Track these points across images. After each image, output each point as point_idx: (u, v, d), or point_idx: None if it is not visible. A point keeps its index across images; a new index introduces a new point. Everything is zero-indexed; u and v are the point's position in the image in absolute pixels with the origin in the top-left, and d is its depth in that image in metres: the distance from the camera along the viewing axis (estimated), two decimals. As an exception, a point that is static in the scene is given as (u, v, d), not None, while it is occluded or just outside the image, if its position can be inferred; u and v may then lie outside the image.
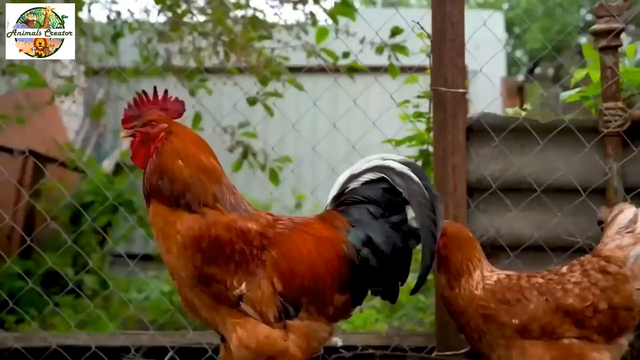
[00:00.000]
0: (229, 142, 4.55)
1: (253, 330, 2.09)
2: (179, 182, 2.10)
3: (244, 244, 2.10)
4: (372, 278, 2.20)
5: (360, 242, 2.19)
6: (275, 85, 4.44)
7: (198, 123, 4.69)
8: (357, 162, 2.30)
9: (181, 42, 5.04)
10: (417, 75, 3.47)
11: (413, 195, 2.19)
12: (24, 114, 4.60)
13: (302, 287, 2.14)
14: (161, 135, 2.14)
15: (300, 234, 2.20)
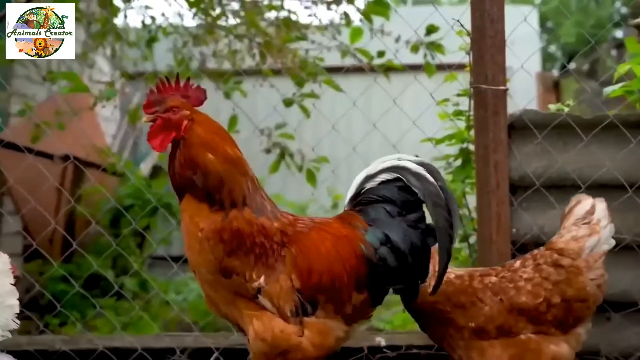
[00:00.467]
0: (266, 143, 4.56)
1: (269, 324, 2.10)
2: (212, 175, 2.10)
3: (264, 238, 2.12)
4: (391, 276, 2.19)
5: (378, 241, 2.19)
6: (311, 86, 4.44)
7: (234, 125, 4.72)
8: (372, 163, 2.30)
9: (216, 45, 5.08)
10: (456, 73, 3.44)
11: (428, 195, 2.19)
12: (63, 119, 4.67)
13: (320, 285, 2.14)
14: (185, 124, 2.12)
15: (319, 232, 2.21)
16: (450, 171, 3.48)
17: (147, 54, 5.75)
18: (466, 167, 3.42)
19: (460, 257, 3.59)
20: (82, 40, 5.86)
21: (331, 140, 4.38)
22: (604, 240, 2.30)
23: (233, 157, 2.15)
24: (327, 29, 4.64)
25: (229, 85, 4.86)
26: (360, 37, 4.65)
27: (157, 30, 5.59)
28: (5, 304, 2.03)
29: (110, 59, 6.00)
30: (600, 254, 2.30)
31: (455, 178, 3.41)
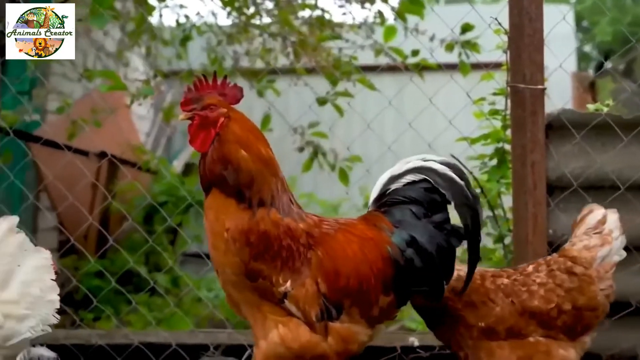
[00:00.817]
0: (299, 142, 4.56)
1: (296, 332, 2.07)
2: (244, 173, 2.09)
3: (291, 240, 2.09)
4: (417, 278, 2.16)
5: (404, 243, 2.16)
6: (344, 85, 4.44)
7: (267, 124, 4.73)
8: (397, 164, 2.27)
9: (249, 44, 5.11)
10: (492, 72, 3.41)
11: (456, 196, 2.17)
12: (99, 117, 4.73)
13: (347, 288, 2.11)
14: (221, 121, 2.11)
15: (345, 234, 2.17)
16: (486, 171, 3.45)
17: (181, 52, 5.81)
18: (502, 167, 3.38)
19: (494, 258, 3.55)
20: (117, 38, 5.94)
21: (363, 139, 4.36)
22: (615, 251, 2.30)
23: (265, 157, 2.14)
24: (360, 28, 4.63)
25: (262, 84, 4.88)
26: (394, 35, 4.63)
27: (191, 29, 5.64)
28: (46, 299, 2.04)
29: (144, 58, 6.06)
30: (611, 264, 2.29)
31: (490, 178, 3.38)
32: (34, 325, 2.02)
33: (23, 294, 2.01)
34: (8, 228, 2.03)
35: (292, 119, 4.44)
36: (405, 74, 4.57)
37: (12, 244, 2.03)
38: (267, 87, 4.89)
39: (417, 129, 3.71)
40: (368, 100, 4.54)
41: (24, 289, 2.02)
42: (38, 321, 2.02)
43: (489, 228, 3.45)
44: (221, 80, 2.19)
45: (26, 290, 2.02)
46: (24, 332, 2.01)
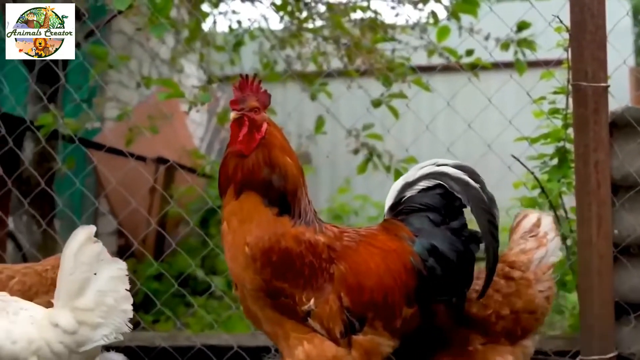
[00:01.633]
0: (354, 144, 4.56)
1: (321, 347, 2.04)
2: (290, 179, 2.09)
3: (313, 257, 2.06)
4: (439, 287, 2.13)
5: (426, 252, 2.13)
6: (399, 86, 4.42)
7: (321, 126, 4.75)
8: (410, 169, 2.26)
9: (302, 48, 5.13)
10: (553, 70, 3.35)
11: (472, 200, 2.14)
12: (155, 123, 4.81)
13: (371, 302, 2.08)
14: (265, 126, 2.09)
15: (366, 247, 2.15)
16: (546, 171, 3.39)
17: (234, 57, 5.88)
18: (562, 167, 3.32)
19: (556, 259, 3.48)
20: (171, 46, 6.04)
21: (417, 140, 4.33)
22: (551, 253, 2.34)
23: (299, 166, 2.16)
24: (413, 29, 4.60)
25: (315, 87, 4.89)
26: (448, 35, 4.59)
27: (243, 34, 5.70)
28: (120, 309, 2.10)
29: (198, 64, 6.15)
30: (548, 266, 2.32)
31: (551, 177, 3.32)
32: (107, 333, 2.09)
33: (98, 302, 2.08)
34: (86, 237, 2.10)
35: (345, 121, 4.44)
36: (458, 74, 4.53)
37: (90, 253, 2.09)
38: (319, 90, 4.89)
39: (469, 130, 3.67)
40: (420, 102, 4.49)
41: (99, 297, 2.08)
42: (111, 330, 2.09)
43: (550, 229, 3.38)
44: (256, 84, 2.15)
45: (101, 299, 2.08)
46: (97, 339, 2.08)
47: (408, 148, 3.79)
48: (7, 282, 2.59)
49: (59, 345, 2.05)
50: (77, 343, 2.06)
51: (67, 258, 2.09)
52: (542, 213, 2.42)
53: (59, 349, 2.05)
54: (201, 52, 5.85)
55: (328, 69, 4.76)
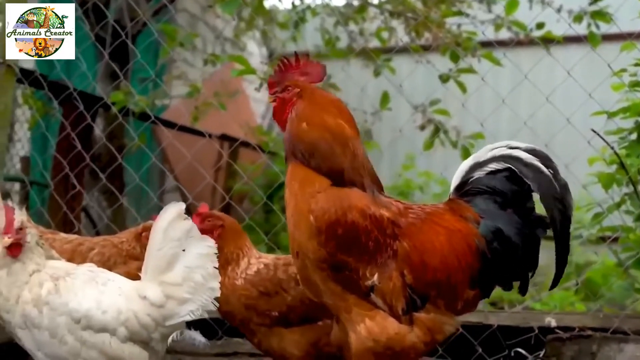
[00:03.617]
0: (420, 120, 4.52)
1: (383, 324, 2.03)
2: (305, 143, 2.08)
3: (378, 232, 2.04)
4: (503, 271, 2.09)
5: (491, 234, 2.09)
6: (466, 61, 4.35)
7: (386, 102, 4.72)
8: (481, 150, 2.18)
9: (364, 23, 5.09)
10: (635, 42, 3.24)
11: (541, 186, 2.08)
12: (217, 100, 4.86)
13: (434, 281, 2.06)
14: (292, 101, 2.14)
15: (432, 225, 2.12)
16: (624, 146, 3.29)
17: (296, 34, 5.88)
18: (643, 142, 3.23)
19: (632, 237, 3.40)
20: (234, 24, 6.08)
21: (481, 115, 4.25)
22: None
23: (331, 126, 2.10)
24: (482, 2, 4.51)
25: (379, 63, 4.85)
26: (516, 8, 4.48)
27: (305, 11, 5.69)
28: (208, 286, 2.12)
29: (260, 42, 6.18)
30: None
31: (630, 153, 3.23)
32: (194, 309, 2.10)
33: (186, 278, 2.10)
34: (177, 214, 2.12)
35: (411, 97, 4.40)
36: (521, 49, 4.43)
37: (180, 230, 2.11)
38: (383, 66, 4.85)
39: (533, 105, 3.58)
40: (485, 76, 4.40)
41: (188, 273, 2.10)
42: (198, 306, 2.10)
43: (627, 205, 3.31)
44: (304, 59, 2.20)
45: (189, 275, 2.10)
46: (183, 314, 2.10)
47: (483, 123, 3.70)
48: (87, 254, 2.67)
49: (147, 318, 2.08)
50: (163, 317, 2.10)
51: (157, 233, 2.12)
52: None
53: (147, 321, 2.08)
54: (264, 29, 5.87)
55: (396, 44, 4.71)
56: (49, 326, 2.06)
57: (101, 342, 2.06)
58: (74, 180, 3.63)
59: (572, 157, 3.23)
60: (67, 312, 2.06)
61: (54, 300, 2.08)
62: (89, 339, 2.06)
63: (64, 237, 2.79)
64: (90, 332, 2.06)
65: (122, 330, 2.06)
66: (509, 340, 2.99)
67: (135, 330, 2.07)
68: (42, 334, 2.06)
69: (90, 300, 2.09)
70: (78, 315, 2.06)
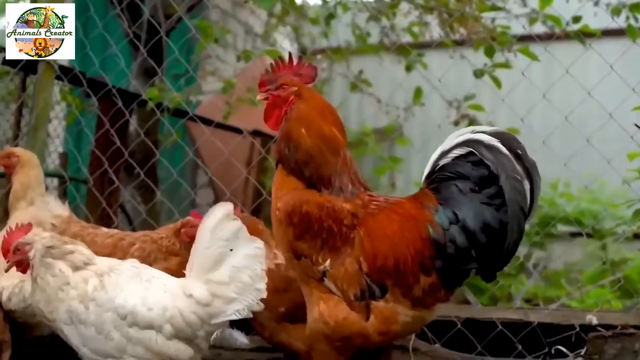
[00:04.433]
0: (454, 115, 4.49)
1: (334, 308, 2.10)
2: (302, 150, 2.14)
3: (333, 222, 2.11)
4: (463, 257, 2.07)
5: (447, 221, 2.08)
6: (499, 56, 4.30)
7: (419, 97, 4.70)
8: (447, 138, 2.15)
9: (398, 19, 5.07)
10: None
11: (501, 168, 2.02)
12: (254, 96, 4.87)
13: (385, 268, 2.09)
14: (290, 99, 2.18)
15: (388, 213, 2.15)
16: (666, 142, 3.24)
17: (326, 30, 5.87)
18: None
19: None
20: (264, 19, 6.08)
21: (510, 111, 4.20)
22: None
23: (327, 135, 2.16)
24: (517, -3, 4.46)
25: (411, 59, 4.83)
26: (552, 1, 4.43)
27: (336, 6, 5.67)
28: (255, 287, 2.12)
29: (290, 37, 6.17)
30: None
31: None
32: (240, 309, 2.11)
33: (233, 277, 2.11)
34: (225, 214, 2.13)
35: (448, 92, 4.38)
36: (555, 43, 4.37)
37: (228, 230, 2.13)
38: (415, 61, 4.83)
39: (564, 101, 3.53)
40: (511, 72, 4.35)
41: (235, 273, 2.11)
42: (244, 306, 2.11)
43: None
44: (297, 60, 2.26)
45: (237, 274, 2.11)
46: (229, 313, 2.11)
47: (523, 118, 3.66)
48: (128, 249, 2.68)
49: (192, 316, 2.09)
50: (209, 315, 2.10)
51: (204, 232, 2.13)
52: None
53: (192, 319, 2.09)
54: (294, 25, 5.87)
55: (431, 39, 4.69)
56: (95, 322, 2.08)
57: (147, 338, 2.08)
58: (112, 176, 3.67)
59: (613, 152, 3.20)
60: (114, 309, 2.08)
61: (100, 297, 2.10)
62: (135, 335, 2.07)
63: (106, 231, 2.82)
64: (136, 328, 2.08)
65: (168, 327, 2.08)
66: (549, 338, 2.96)
67: (180, 328, 2.09)
68: (88, 330, 2.09)
69: (136, 297, 2.10)
70: (124, 311, 2.08)
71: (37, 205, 2.83)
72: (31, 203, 2.83)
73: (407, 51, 4.77)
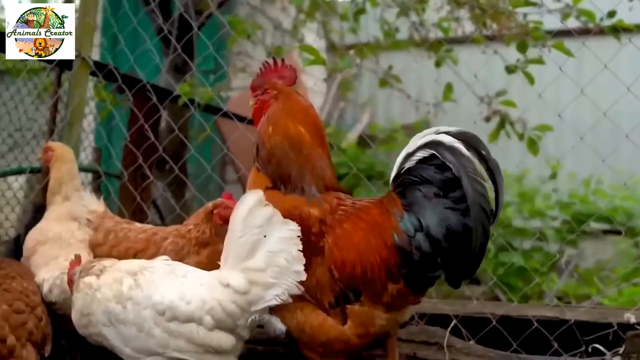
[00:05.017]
0: (486, 111, 4.45)
1: (309, 316, 2.13)
2: (265, 149, 2.21)
3: (302, 232, 2.09)
4: (429, 264, 2.07)
5: (412, 228, 2.07)
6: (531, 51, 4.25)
7: (449, 93, 4.66)
8: (412, 139, 2.13)
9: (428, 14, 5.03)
10: None
11: (463, 170, 1.99)
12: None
13: (354, 276, 2.11)
14: (269, 102, 2.26)
15: (355, 221, 2.15)
16: None
17: (355, 26, 5.85)
18: None
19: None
20: (292, 15, 6.08)
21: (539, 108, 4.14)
22: None
23: (291, 134, 2.20)
24: (548, -10, 4.39)
25: (441, 54, 4.79)
26: (585, -4, 4.37)
27: (364, 1, 5.65)
28: (292, 269, 2.10)
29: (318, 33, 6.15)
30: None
31: None
32: (279, 293, 2.10)
33: (269, 263, 2.10)
34: (256, 201, 2.12)
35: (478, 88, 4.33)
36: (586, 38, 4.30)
37: (261, 217, 2.11)
38: (445, 56, 4.80)
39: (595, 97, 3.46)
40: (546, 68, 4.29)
41: (271, 258, 2.10)
42: (283, 290, 2.09)
43: None
44: (280, 63, 2.32)
45: (273, 259, 2.10)
46: (268, 299, 2.11)
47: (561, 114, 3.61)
48: (161, 243, 2.68)
49: (232, 305, 2.10)
50: (248, 302, 2.11)
51: (236, 221, 2.13)
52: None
53: (232, 308, 2.10)
54: (323, 20, 5.85)
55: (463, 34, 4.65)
56: (135, 320, 2.11)
57: (188, 331, 2.09)
58: (146, 171, 3.69)
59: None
60: (151, 305, 2.11)
61: (137, 295, 2.13)
62: (176, 329, 2.09)
63: (140, 227, 2.82)
64: (176, 323, 2.09)
65: (208, 319, 2.09)
66: (586, 336, 2.92)
67: (220, 318, 2.10)
68: (128, 329, 2.11)
69: (173, 292, 2.13)
70: (162, 307, 2.10)
71: (73, 200, 2.86)
72: (67, 198, 2.86)
73: (437, 47, 4.74)
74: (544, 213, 5.56)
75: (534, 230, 5.24)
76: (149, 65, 4.86)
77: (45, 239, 2.70)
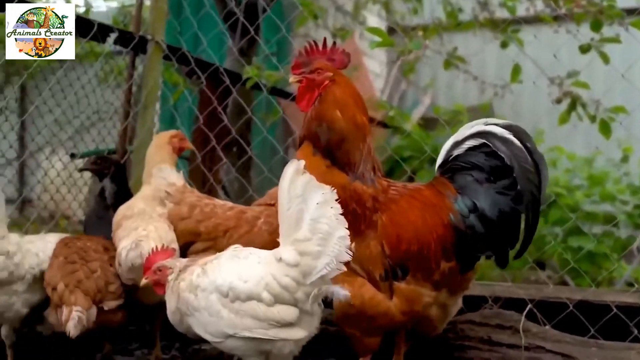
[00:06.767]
0: (556, 93, 4.35)
1: (359, 290, 2.18)
2: (336, 132, 2.21)
3: (357, 205, 2.18)
4: (480, 244, 2.19)
5: (467, 209, 2.19)
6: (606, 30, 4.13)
7: (517, 75, 4.56)
8: (460, 129, 2.27)
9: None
10: None
11: (515, 159, 2.16)
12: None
13: (408, 253, 2.18)
14: (325, 83, 2.25)
15: (409, 200, 2.23)
16: None
17: (416, 6, 5.79)
18: None
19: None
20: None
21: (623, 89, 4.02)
22: None
23: (359, 122, 2.25)
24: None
25: (506, 35, 4.70)
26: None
27: (427, -18, 5.58)
28: (336, 235, 2.03)
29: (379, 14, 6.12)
30: None
31: None
32: (329, 262, 2.05)
33: (314, 230, 2.06)
34: (294, 171, 2.07)
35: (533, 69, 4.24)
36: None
37: (300, 185, 2.07)
38: (511, 37, 4.69)
39: None
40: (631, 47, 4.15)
41: (314, 225, 2.06)
42: (332, 257, 2.04)
43: None
44: (331, 46, 2.34)
45: (316, 226, 2.06)
46: (320, 268, 2.06)
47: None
48: (254, 222, 2.64)
49: (286, 279, 2.10)
50: (302, 273, 2.09)
51: (282, 194, 2.10)
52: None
53: (286, 281, 2.10)
54: (385, 2, 5.81)
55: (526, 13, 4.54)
56: (206, 306, 2.17)
57: (251, 309, 2.13)
58: (219, 153, 3.74)
59: None
60: (216, 289, 2.17)
61: (203, 281, 2.20)
62: (240, 308, 2.14)
63: (222, 203, 2.78)
64: (239, 302, 2.14)
65: (266, 294, 2.12)
66: (667, 323, 2.85)
67: (277, 293, 2.11)
68: (202, 315, 2.18)
69: (232, 274, 2.18)
70: (225, 289, 2.15)
71: (153, 174, 2.86)
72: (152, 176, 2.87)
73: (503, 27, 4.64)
74: (615, 197, 5.42)
75: (605, 215, 5.13)
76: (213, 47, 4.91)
77: (131, 213, 2.76)
